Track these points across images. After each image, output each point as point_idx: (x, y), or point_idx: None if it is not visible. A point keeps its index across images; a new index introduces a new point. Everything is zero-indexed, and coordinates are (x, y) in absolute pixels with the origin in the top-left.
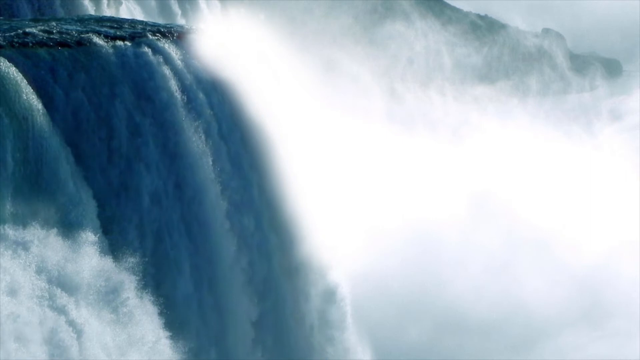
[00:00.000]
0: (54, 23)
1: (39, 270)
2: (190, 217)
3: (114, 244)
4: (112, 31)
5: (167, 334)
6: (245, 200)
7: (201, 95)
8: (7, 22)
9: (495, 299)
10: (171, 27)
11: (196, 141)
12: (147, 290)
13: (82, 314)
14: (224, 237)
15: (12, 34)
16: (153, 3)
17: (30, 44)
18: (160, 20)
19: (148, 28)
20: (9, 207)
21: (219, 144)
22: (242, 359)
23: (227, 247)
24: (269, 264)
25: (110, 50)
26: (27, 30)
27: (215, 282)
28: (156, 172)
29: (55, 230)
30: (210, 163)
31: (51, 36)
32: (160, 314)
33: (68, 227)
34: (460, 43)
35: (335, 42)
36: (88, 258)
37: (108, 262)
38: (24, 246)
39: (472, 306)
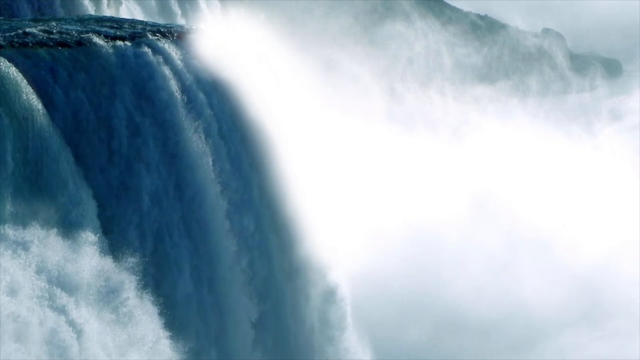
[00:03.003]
0: (54, 23)
1: (39, 270)
2: (190, 217)
3: (114, 244)
4: (112, 31)
5: (167, 334)
6: (245, 201)
7: (201, 95)
8: (7, 22)
9: (495, 299)
10: (171, 27)
11: (196, 141)
12: (147, 290)
13: (82, 314)
14: (224, 238)
15: (12, 34)
16: (153, 3)
17: (30, 44)
18: (160, 20)
19: (148, 28)
20: (9, 207)
21: (219, 143)
22: (243, 359)
23: (227, 248)
24: (269, 264)
25: (110, 50)
26: (27, 30)
27: (215, 283)
28: (156, 172)
29: (55, 230)
30: (210, 163)
31: (51, 36)
32: (160, 314)
33: (68, 227)
34: (460, 43)
35: (335, 42)
36: (88, 258)
37: (108, 262)
38: (24, 246)
39: (472, 306)
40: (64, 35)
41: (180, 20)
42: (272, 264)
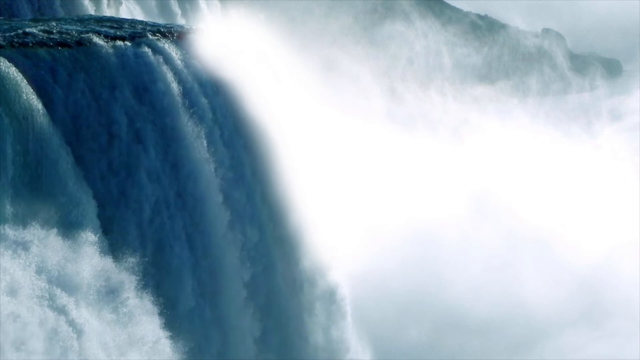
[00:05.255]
0: (54, 23)
1: (39, 270)
2: (186, 193)
3: (114, 244)
4: (112, 31)
5: (167, 334)
6: (237, 178)
7: (201, 95)
8: (7, 22)
9: (495, 299)
10: (171, 27)
11: (198, 147)
12: (147, 290)
13: (82, 314)
14: (218, 209)
15: (12, 34)
16: (153, 3)
17: (30, 44)
18: (160, 20)
19: (148, 28)
20: (9, 207)
21: (219, 145)
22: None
23: (221, 218)
24: (261, 233)
25: (110, 50)
26: (27, 30)
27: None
28: (154, 153)
29: (55, 230)
30: (213, 171)
31: (51, 36)
32: (160, 314)
33: (68, 227)
34: (460, 43)
35: (335, 42)
36: (88, 258)
37: (108, 262)
38: (24, 246)
39: (472, 306)
40: (64, 35)
41: (180, 20)
42: (263, 232)
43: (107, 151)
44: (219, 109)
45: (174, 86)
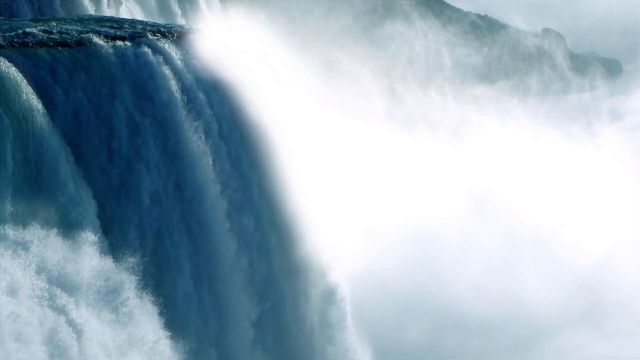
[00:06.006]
0: (54, 23)
1: (39, 270)
2: (190, 216)
3: (114, 244)
4: (112, 31)
5: (167, 334)
6: (245, 200)
7: (201, 95)
8: (7, 22)
9: (495, 299)
10: (171, 27)
11: (196, 141)
12: (147, 290)
13: (82, 314)
14: (224, 237)
15: (12, 34)
16: (153, 3)
17: (30, 44)
18: (160, 20)
19: (148, 28)
20: (9, 207)
21: (219, 143)
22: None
23: (227, 247)
24: (269, 263)
25: (110, 50)
26: (27, 30)
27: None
28: (156, 172)
29: (55, 230)
30: (210, 163)
31: (51, 36)
32: (160, 314)
33: (68, 227)
34: (460, 43)
35: (335, 42)
36: (88, 258)
37: (108, 262)
38: (24, 246)
39: (472, 306)
40: (64, 35)
41: (180, 20)
42: (271, 263)
43: (107, 169)
44: (224, 119)
45: (177, 94)
